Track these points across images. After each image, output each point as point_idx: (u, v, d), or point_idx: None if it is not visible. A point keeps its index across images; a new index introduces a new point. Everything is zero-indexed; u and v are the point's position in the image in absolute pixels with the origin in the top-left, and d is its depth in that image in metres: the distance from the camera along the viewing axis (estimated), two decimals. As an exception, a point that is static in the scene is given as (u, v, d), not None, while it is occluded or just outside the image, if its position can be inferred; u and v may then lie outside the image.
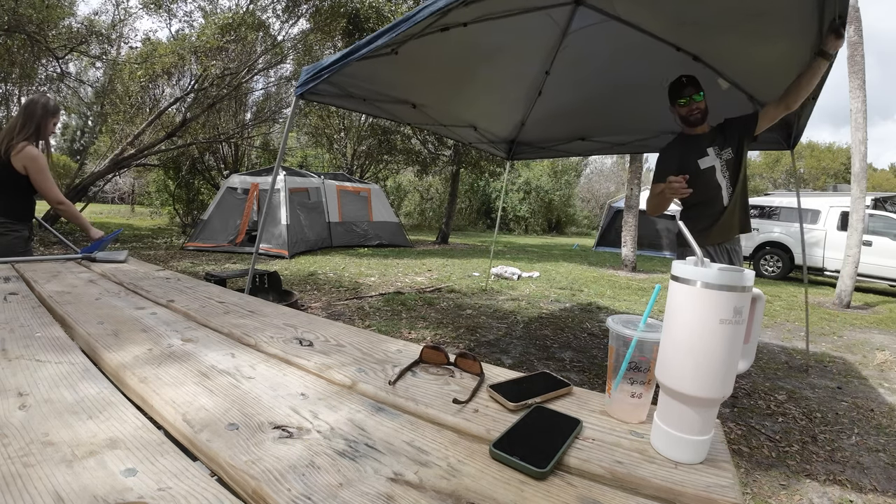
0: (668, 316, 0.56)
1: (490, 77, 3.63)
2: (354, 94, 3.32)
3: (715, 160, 2.31)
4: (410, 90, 3.62)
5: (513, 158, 5.23)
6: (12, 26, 7.45)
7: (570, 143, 4.65)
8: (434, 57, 3.12)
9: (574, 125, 4.40)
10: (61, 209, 2.27)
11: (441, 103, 3.92)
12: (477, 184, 23.81)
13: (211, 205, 8.97)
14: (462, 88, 3.73)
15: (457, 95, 3.85)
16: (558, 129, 4.54)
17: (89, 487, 0.43)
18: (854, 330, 5.02)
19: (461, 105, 4.06)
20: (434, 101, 3.84)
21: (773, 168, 31.48)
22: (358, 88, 3.31)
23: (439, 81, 3.54)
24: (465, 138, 4.72)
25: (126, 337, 0.86)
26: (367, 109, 3.65)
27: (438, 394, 0.70)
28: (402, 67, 3.15)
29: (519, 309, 4.88)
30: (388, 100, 3.58)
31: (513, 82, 3.85)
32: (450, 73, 3.42)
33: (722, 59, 2.90)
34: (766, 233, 9.51)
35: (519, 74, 3.73)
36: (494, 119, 4.49)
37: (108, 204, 24.83)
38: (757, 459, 2.11)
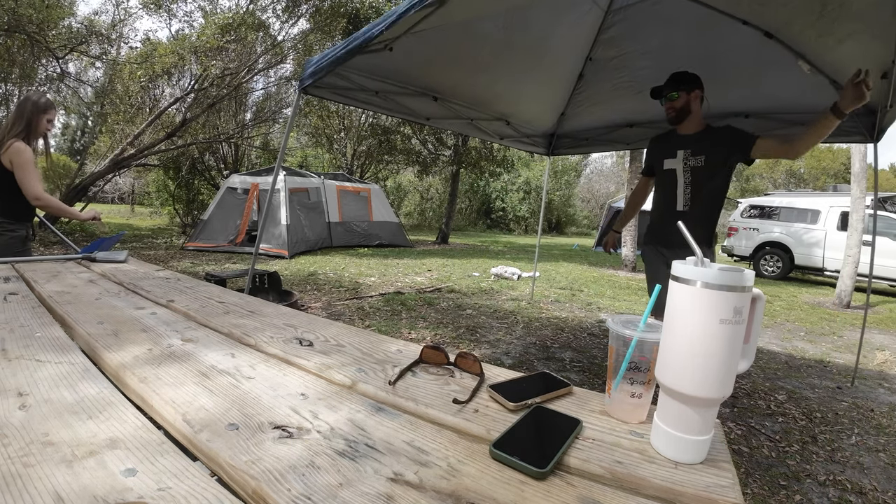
0: (668, 316, 0.56)
1: (523, 64, 3.33)
2: (367, 86, 3.05)
3: (679, 164, 2.25)
4: (431, 80, 3.29)
5: (553, 153, 4.81)
6: (12, 26, 7.45)
7: (617, 131, 4.20)
8: (459, 43, 2.88)
9: (621, 110, 3.96)
10: (38, 204, 2.20)
11: (467, 94, 3.60)
12: (477, 184, 23.81)
13: (211, 205, 8.97)
14: (491, 77, 3.43)
15: (486, 85, 3.55)
16: (603, 115, 4.12)
17: (89, 487, 0.43)
18: (854, 330, 5.02)
19: (491, 95, 3.71)
20: (460, 91, 3.52)
21: (773, 168, 31.49)
22: (370, 80, 3.02)
23: (465, 70, 3.24)
24: (496, 134, 4.31)
25: (126, 337, 0.86)
26: (379, 104, 3.33)
27: (438, 394, 0.70)
28: (422, 55, 2.87)
29: (519, 309, 4.88)
30: (406, 92, 3.28)
31: (551, 72, 3.54)
32: (477, 60, 3.13)
33: (799, 38, 2.56)
34: (767, 233, 9.51)
35: (558, 62, 3.41)
36: (530, 111, 4.13)
37: (108, 204, 24.82)
38: (757, 459, 2.11)
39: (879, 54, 2.33)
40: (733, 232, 10.18)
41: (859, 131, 3.08)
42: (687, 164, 2.22)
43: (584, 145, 4.69)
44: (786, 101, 3.26)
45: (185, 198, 12.32)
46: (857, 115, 2.96)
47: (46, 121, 2.24)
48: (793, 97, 3.17)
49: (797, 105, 3.22)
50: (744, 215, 10.14)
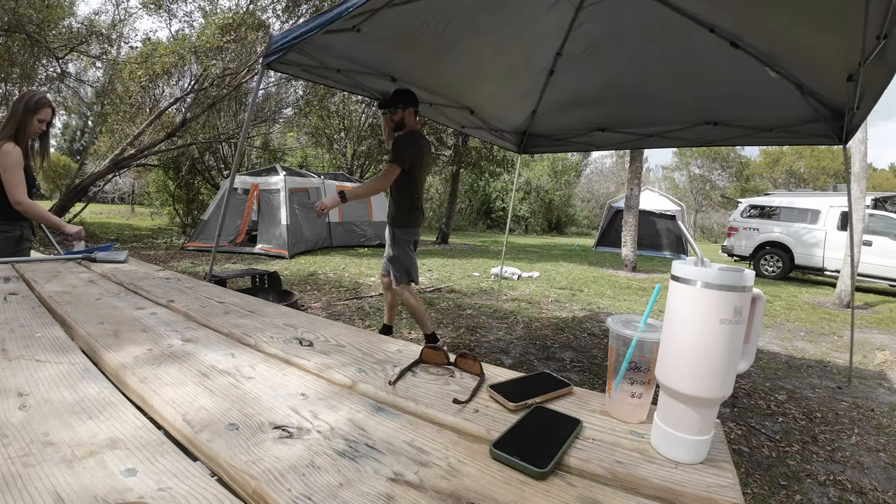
0: (668, 316, 0.56)
1: (489, 55, 3.25)
2: (330, 64, 3.01)
3: None
4: (392, 63, 3.24)
5: (525, 152, 4.80)
6: (12, 26, 7.45)
7: (589, 135, 4.25)
8: (421, 26, 2.82)
9: (594, 114, 4.01)
10: (19, 209, 2.13)
11: (428, 80, 3.48)
12: (477, 184, 23.81)
13: (211, 205, 8.97)
14: (455, 65, 3.33)
15: (448, 72, 3.44)
16: (576, 118, 4.14)
17: (89, 487, 0.43)
18: (854, 330, 5.02)
19: (454, 84, 3.60)
20: (420, 77, 3.42)
21: (772, 168, 31.49)
22: (334, 59, 3.00)
23: (427, 55, 3.14)
24: (459, 123, 4.19)
25: (126, 337, 0.86)
26: (342, 83, 3.27)
27: (438, 394, 0.70)
28: (387, 37, 2.86)
29: (519, 309, 4.88)
30: (367, 72, 3.23)
31: (518, 64, 3.45)
32: (439, 46, 3.04)
33: (763, 46, 2.65)
34: (767, 233, 9.51)
35: (525, 55, 3.35)
36: (498, 105, 4.05)
37: (108, 204, 24.83)
38: (757, 459, 2.11)
39: (847, 56, 2.33)
40: (733, 232, 10.18)
41: (827, 134, 3.12)
42: None
43: (557, 146, 4.72)
44: (752, 109, 3.32)
45: (185, 198, 12.32)
46: (825, 119, 3.03)
47: (38, 121, 2.17)
48: (759, 104, 3.22)
49: (762, 113, 3.30)
50: (744, 215, 10.14)
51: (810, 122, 3.13)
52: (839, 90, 2.68)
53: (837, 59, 2.42)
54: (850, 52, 2.26)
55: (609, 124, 4.06)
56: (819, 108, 2.97)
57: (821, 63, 2.59)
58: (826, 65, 2.56)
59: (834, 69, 2.51)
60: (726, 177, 34.42)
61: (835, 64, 2.46)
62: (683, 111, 3.59)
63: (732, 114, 3.46)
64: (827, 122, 3.03)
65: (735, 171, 33.70)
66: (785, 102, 3.02)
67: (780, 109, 3.14)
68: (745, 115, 3.41)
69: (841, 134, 3.03)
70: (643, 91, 3.51)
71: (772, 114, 3.25)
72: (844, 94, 2.67)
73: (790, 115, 3.16)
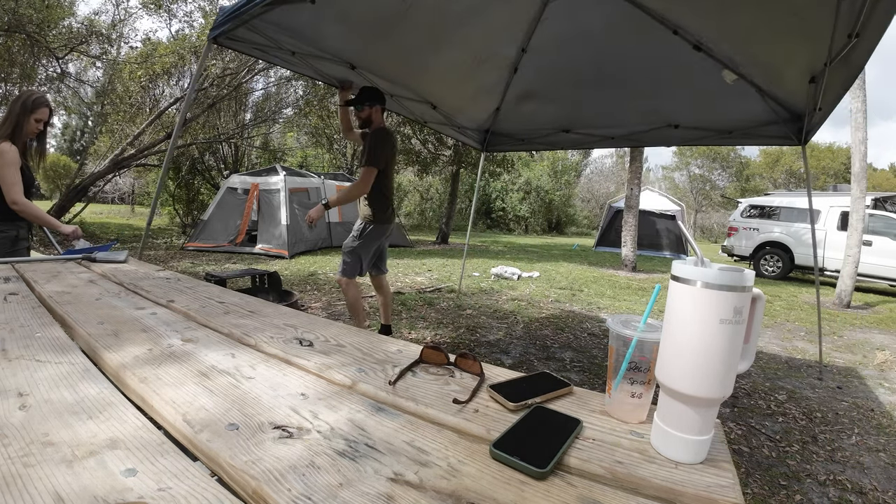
0: (668, 316, 0.56)
1: (453, 46, 3.11)
2: (283, 45, 2.80)
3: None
4: (351, 49, 3.05)
5: (488, 150, 4.77)
6: (12, 26, 7.45)
7: (553, 136, 4.21)
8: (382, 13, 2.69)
9: (557, 115, 3.96)
10: (15, 208, 2.13)
11: (389, 70, 3.32)
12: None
13: (211, 205, 8.97)
14: (417, 56, 3.20)
15: (411, 64, 3.30)
16: (539, 118, 4.07)
17: (89, 487, 0.43)
18: (854, 330, 5.02)
19: (416, 76, 3.45)
20: (381, 66, 3.26)
21: (772, 168, 31.49)
22: (288, 40, 2.79)
23: (388, 43, 3.01)
24: (421, 117, 4.07)
25: (126, 337, 0.86)
26: (297, 66, 3.09)
27: (438, 394, 0.70)
28: (341, 17, 2.69)
29: (519, 309, 4.88)
30: (324, 57, 3.02)
31: (482, 58, 3.33)
32: (401, 34, 2.91)
33: (726, 49, 2.66)
34: (766, 232, 9.51)
35: (490, 49, 3.23)
36: (461, 101, 3.92)
37: (108, 204, 24.83)
38: (757, 459, 2.11)
39: (811, 57, 2.34)
40: (733, 232, 10.17)
41: (786, 136, 3.16)
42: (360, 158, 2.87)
43: (521, 145, 4.67)
44: (713, 112, 3.35)
45: (185, 198, 12.32)
46: (784, 121, 3.06)
47: (35, 121, 2.16)
48: (719, 107, 3.24)
49: (723, 115, 3.32)
50: (744, 215, 10.13)
51: (770, 125, 3.17)
52: (800, 93, 2.71)
53: (801, 62, 2.44)
54: (814, 54, 2.29)
55: (572, 125, 4.03)
56: (779, 110, 3.00)
57: (782, 66, 2.61)
58: (788, 67, 2.58)
59: (796, 72, 2.53)
60: (726, 177, 34.42)
61: (797, 66, 2.48)
62: (647, 113, 3.59)
63: (694, 116, 3.50)
64: (786, 124, 3.08)
65: (735, 171, 33.71)
66: (745, 105, 3.05)
67: (740, 112, 3.18)
68: (706, 117, 3.45)
69: (800, 136, 3.08)
70: (607, 92, 3.48)
71: (732, 116, 3.29)
72: (805, 97, 2.71)
73: (750, 118, 3.20)
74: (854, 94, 5.84)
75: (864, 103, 5.81)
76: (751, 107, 3.04)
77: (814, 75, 2.47)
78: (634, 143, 4.10)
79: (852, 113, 5.89)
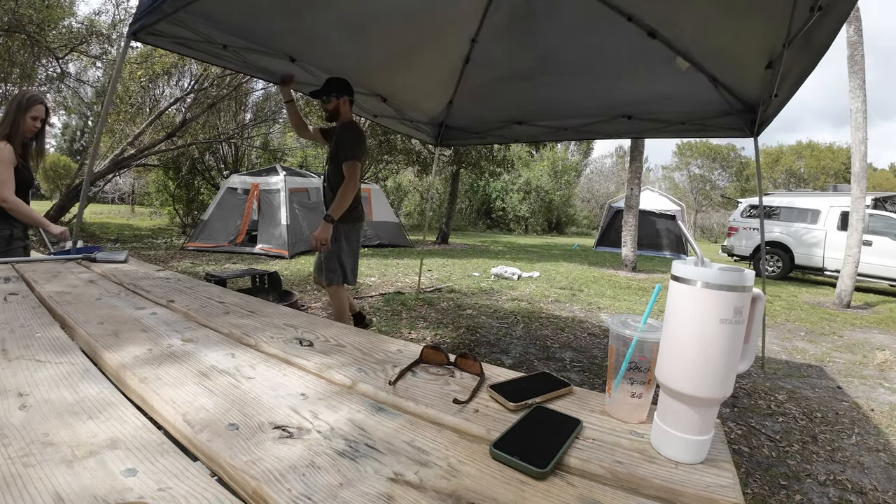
0: (668, 316, 0.56)
1: (402, 38, 2.97)
2: (214, 38, 2.57)
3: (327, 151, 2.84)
4: (291, 40, 2.83)
5: (442, 144, 4.63)
6: (12, 26, 7.45)
7: (507, 128, 4.11)
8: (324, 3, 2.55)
9: (510, 107, 3.85)
10: (5, 206, 2.13)
11: (333, 63, 3.09)
12: (477, 184, 23.82)
13: (211, 205, 8.97)
14: (364, 47, 3.03)
15: (357, 55, 3.10)
16: (493, 111, 3.96)
17: (89, 488, 0.43)
18: (854, 330, 5.02)
19: (364, 68, 3.25)
20: (323, 59, 3.06)
21: (772, 168, 31.49)
22: (219, 33, 2.56)
23: (331, 34, 2.82)
24: (370, 112, 3.89)
25: (126, 337, 0.86)
26: (230, 61, 2.83)
27: (438, 394, 0.70)
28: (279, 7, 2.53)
29: (519, 309, 4.88)
30: (260, 50, 2.80)
31: (434, 49, 3.21)
32: (344, 24, 2.76)
33: (682, 35, 2.59)
34: (766, 232, 9.51)
35: (440, 40, 3.11)
36: (413, 94, 3.77)
37: (108, 204, 24.84)
38: (757, 459, 2.11)
39: (769, 38, 2.27)
40: (733, 232, 10.18)
41: (739, 127, 3.14)
42: (328, 152, 2.81)
43: (475, 139, 4.63)
44: (665, 103, 3.32)
45: (185, 198, 12.32)
46: (737, 112, 3.05)
47: (31, 119, 2.15)
48: (672, 98, 3.21)
49: (676, 107, 3.30)
50: (744, 215, 10.13)
51: (723, 116, 3.15)
52: (754, 81, 2.68)
53: (757, 44, 2.37)
54: (773, 34, 2.20)
55: (526, 117, 3.95)
56: (732, 101, 2.98)
57: (738, 50, 2.54)
58: (744, 52, 2.51)
59: (752, 57, 2.48)
60: (726, 177, 34.43)
61: (754, 50, 2.42)
62: (600, 104, 3.54)
63: (646, 107, 3.45)
64: (739, 115, 3.06)
65: (735, 171, 33.72)
66: (698, 96, 3.03)
67: (693, 103, 3.16)
68: (659, 108, 3.41)
69: (753, 127, 3.05)
70: (560, 83, 3.38)
71: (685, 107, 3.26)
72: (759, 87, 2.68)
73: (703, 109, 3.18)
74: (854, 94, 5.84)
75: (864, 103, 5.80)
76: (704, 97, 3.03)
77: (771, 60, 2.40)
78: (589, 135, 4.06)
79: (852, 113, 5.88)
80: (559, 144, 28.35)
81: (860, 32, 5.84)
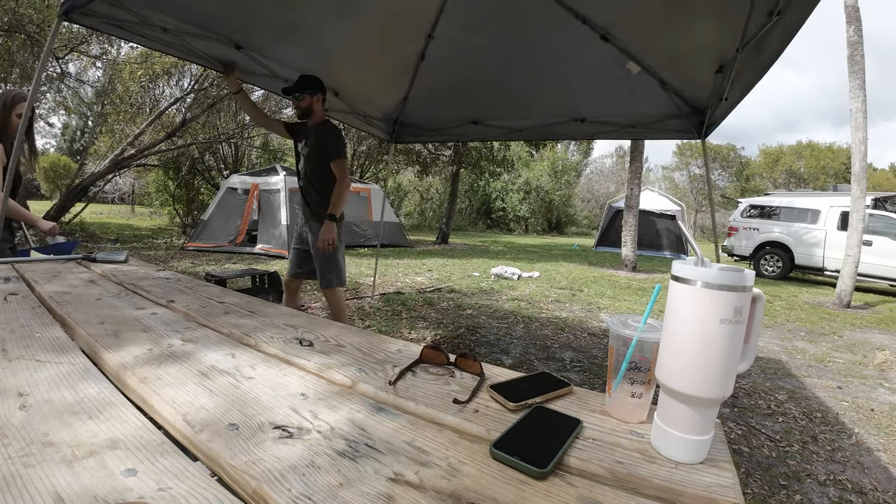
0: (668, 316, 0.56)
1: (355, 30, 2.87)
2: (152, 21, 2.37)
3: (303, 150, 2.74)
4: (238, 26, 2.65)
5: (398, 141, 4.50)
6: (12, 26, 7.45)
7: (462, 127, 4.03)
8: None
9: (465, 105, 3.77)
10: None
11: (282, 53, 2.98)
12: (477, 184, 23.83)
13: (211, 205, 8.97)
14: (315, 37, 2.90)
15: (307, 46, 2.99)
16: (448, 109, 3.87)
17: (89, 488, 0.43)
18: (854, 330, 5.02)
19: (314, 60, 3.13)
20: (272, 48, 2.91)
21: (772, 168, 31.50)
22: (159, 15, 2.37)
23: (279, 22, 2.69)
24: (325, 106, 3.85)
25: (126, 337, 0.86)
26: (171, 46, 2.63)
27: (438, 394, 0.70)
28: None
29: (519, 309, 4.88)
30: (204, 35, 2.61)
31: (388, 43, 3.12)
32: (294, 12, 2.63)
33: (634, 38, 2.57)
34: (767, 232, 9.51)
35: (395, 34, 3.02)
36: (366, 88, 3.69)
37: (108, 204, 24.83)
38: (757, 459, 2.11)
39: (721, 44, 2.27)
40: (733, 232, 10.18)
41: (688, 130, 3.16)
42: (302, 152, 2.74)
43: (430, 136, 4.53)
44: (617, 105, 3.32)
45: (185, 198, 12.31)
46: (686, 114, 3.07)
47: (16, 116, 2.14)
48: (623, 101, 3.21)
49: (627, 109, 3.30)
50: (744, 215, 10.14)
51: (672, 118, 3.17)
52: (704, 85, 2.69)
53: (710, 48, 2.37)
54: (727, 38, 2.19)
55: (481, 117, 3.88)
56: (681, 104, 3.00)
57: (689, 57, 2.55)
58: (695, 56, 2.52)
59: (703, 61, 2.48)
60: (726, 177, 34.45)
61: (706, 54, 2.42)
62: (554, 106, 3.53)
63: (599, 110, 3.46)
64: (688, 118, 3.08)
65: (735, 170, 33.73)
66: (648, 98, 3.04)
67: (643, 106, 3.17)
68: (611, 111, 3.42)
69: (701, 129, 3.08)
70: (515, 83, 3.33)
71: (635, 110, 3.26)
72: (708, 90, 2.69)
73: (653, 112, 3.20)
74: (854, 94, 5.84)
75: (864, 103, 5.80)
76: (653, 100, 3.04)
77: (722, 64, 2.41)
78: (543, 136, 4.05)
79: (852, 113, 5.88)
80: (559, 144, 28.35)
81: (860, 32, 5.84)
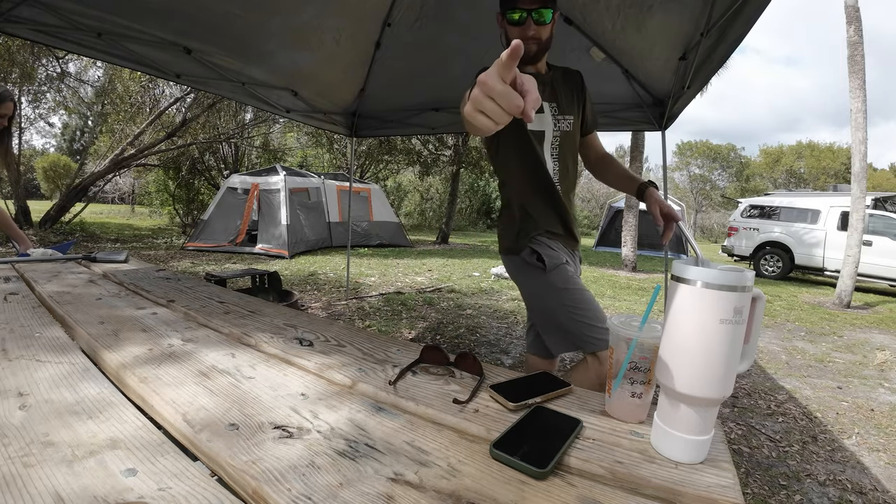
0: (668, 316, 0.56)
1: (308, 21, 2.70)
2: (83, 24, 2.09)
3: (549, 125, 1.43)
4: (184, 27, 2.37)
5: (358, 135, 4.34)
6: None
7: (422, 115, 3.91)
8: None
9: (425, 93, 3.65)
10: None
11: (236, 53, 2.77)
12: (477, 184, 23.82)
13: (211, 205, 8.97)
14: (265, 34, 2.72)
15: (258, 43, 2.78)
16: (407, 96, 3.77)
17: (89, 488, 0.43)
18: (854, 330, 5.02)
19: (269, 59, 2.97)
20: (225, 48, 2.70)
21: (772, 168, 31.51)
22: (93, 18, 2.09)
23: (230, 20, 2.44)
24: (282, 107, 3.68)
25: (126, 337, 0.86)
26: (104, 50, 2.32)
27: (438, 394, 0.70)
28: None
29: (519, 309, 4.88)
30: (147, 40, 2.35)
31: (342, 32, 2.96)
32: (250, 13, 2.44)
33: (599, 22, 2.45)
34: (767, 233, 9.51)
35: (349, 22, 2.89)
36: (322, 83, 3.56)
37: (108, 204, 24.83)
38: (757, 459, 2.11)
39: (685, 29, 2.25)
40: (733, 232, 10.18)
41: (648, 120, 3.15)
42: (557, 125, 1.45)
43: (390, 127, 4.37)
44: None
45: (185, 198, 12.31)
46: (647, 105, 3.05)
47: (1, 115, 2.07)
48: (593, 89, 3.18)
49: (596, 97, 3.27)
50: (744, 215, 10.14)
51: (633, 109, 3.17)
52: (667, 74, 2.68)
53: (674, 35, 2.35)
54: (690, 25, 2.18)
55: (443, 104, 3.72)
56: (643, 94, 2.99)
57: (654, 42, 2.50)
58: (659, 43, 2.48)
59: (667, 48, 2.46)
60: (726, 177, 34.45)
61: (669, 41, 2.40)
62: None
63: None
64: (649, 109, 3.07)
65: (735, 171, 33.74)
66: (609, 88, 3.01)
67: (605, 96, 3.14)
68: None
69: (661, 121, 3.08)
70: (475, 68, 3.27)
71: (597, 100, 3.21)
72: (671, 79, 2.68)
73: (614, 101, 3.18)
74: (854, 94, 5.84)
75: (864, 103, 5.80)
76: (615, 90, 3.01)
77: (686, 50, 2.39)
78: None
79: (852, 113, 5.88)
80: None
81: (860, 32, 5.84)
